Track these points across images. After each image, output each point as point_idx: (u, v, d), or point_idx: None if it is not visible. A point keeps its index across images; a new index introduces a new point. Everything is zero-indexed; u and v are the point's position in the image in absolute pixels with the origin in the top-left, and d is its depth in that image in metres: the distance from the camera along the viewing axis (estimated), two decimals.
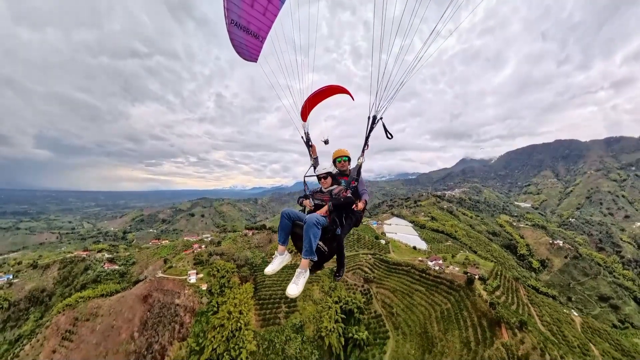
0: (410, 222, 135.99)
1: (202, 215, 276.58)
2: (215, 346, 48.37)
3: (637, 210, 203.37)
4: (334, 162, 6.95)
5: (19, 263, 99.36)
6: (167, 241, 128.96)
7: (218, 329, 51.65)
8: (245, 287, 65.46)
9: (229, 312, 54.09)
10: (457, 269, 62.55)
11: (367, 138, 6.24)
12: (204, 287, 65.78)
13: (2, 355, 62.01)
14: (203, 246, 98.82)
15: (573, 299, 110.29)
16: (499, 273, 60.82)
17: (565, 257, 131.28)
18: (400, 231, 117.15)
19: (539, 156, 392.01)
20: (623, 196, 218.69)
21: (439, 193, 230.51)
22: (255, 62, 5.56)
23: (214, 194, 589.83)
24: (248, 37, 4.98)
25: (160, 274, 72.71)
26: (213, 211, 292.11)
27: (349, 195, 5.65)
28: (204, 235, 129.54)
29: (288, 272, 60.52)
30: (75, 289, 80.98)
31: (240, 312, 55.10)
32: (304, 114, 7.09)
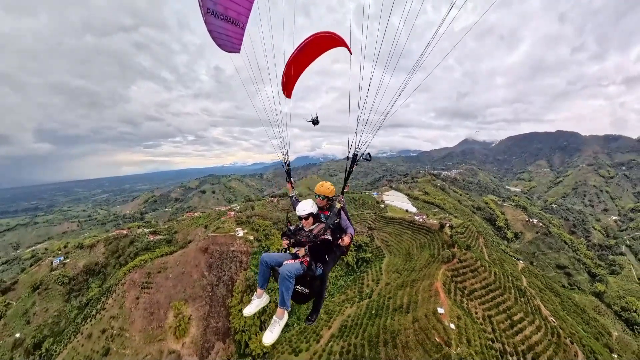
0: (405, 194, 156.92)
1: (213, 192, 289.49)
2: None
3: (616, 206, 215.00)
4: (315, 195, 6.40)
5: (65, 246, 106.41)
6: (198, 213, 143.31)
7: None
8: None
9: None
10: (435, 221, 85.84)
11: (346, 179, 6.02)
12: (251, 237, 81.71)
13: (74, 318, 71.50)
14: (239, 212, 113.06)
15: (534, 263, 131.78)
16: (466, 226, 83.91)
17: (537, 233, 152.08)
18: (396, 200, 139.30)
19: (538, 145, 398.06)
20: (607, 192, 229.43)
21: (435, 172, 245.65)
22: (238, 52, 5.19)
23: (216, 171, 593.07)
24: (227, 26, 4.66)
25: (211, 233, 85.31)
26: (222, 187, 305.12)
27: (328, 237, 5.54)
28: (232, 205, 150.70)
29: None
30: (130, 257, 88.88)
31: None
32: (288, 84, 6.04)
